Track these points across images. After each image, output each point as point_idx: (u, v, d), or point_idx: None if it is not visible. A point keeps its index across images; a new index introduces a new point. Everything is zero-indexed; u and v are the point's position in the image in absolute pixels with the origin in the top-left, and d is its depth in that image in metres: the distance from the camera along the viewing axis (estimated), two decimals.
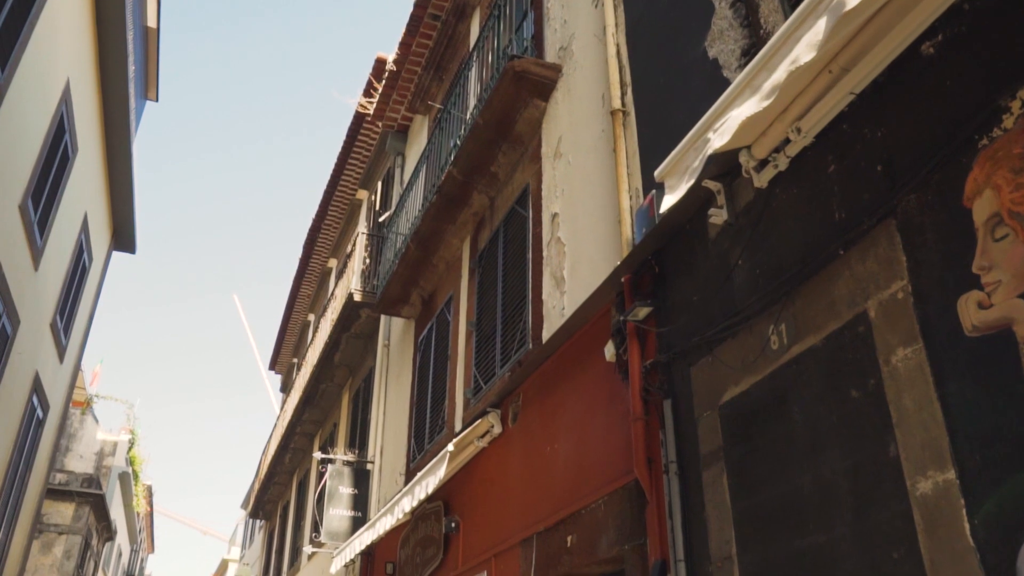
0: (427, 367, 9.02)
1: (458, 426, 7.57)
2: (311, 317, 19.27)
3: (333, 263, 17.33)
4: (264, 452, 19.45)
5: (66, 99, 10.86)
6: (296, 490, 16.97)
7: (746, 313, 3.73)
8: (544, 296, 6.19)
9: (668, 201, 3.43)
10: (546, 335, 6.01)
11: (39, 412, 12.55)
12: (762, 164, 3.73)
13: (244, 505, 28.32)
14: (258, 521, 23.18)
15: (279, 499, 19.17)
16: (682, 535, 3.88)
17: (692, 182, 3.23)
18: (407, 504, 6.80)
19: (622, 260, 4.82)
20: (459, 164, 7.80)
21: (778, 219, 3.67)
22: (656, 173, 3.56)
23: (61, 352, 13.36)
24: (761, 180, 3.73)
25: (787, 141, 3.57)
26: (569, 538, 4.99)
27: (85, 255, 13.81)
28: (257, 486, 19.92)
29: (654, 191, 4.66)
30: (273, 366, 22.39)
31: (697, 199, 4.23)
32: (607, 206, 5.42)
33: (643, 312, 4.51)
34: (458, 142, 7.96)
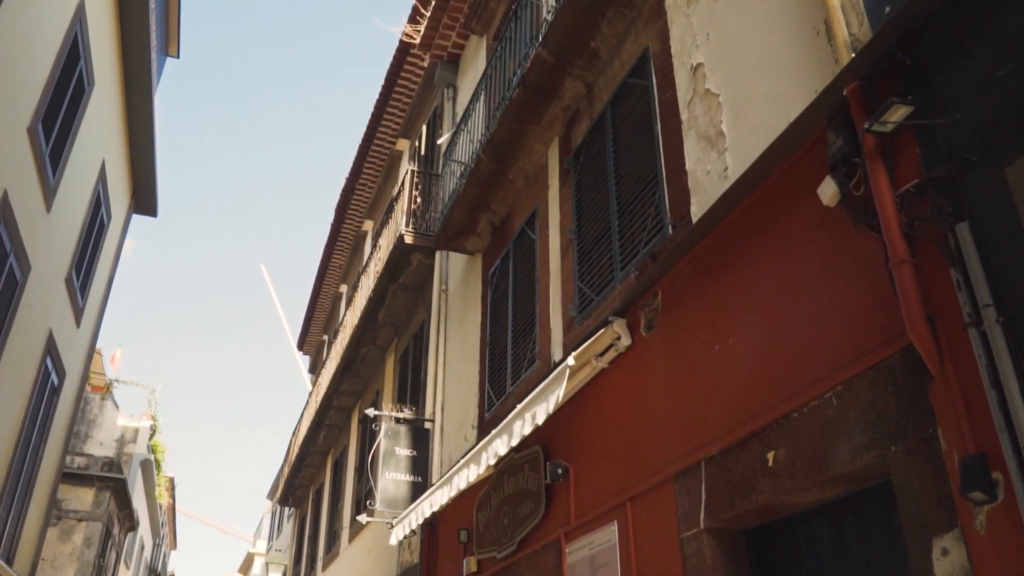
0: (503, 300, 7.67)
1: (557, 355, 6.23)
2: (344, 288, 18.00)
3: (369, 225, 16.05)
4: (294, 434, 18.17)
5: (81, 17, 9.61)
6: (331, 470, 15.67)
7: None
8: (689, 166, 4.83)
9: None
10: (697, 210, 4.65)
11: (54, 377, 11.30)
12: None
13: (271, 495, 27.04)
14: (287, 509, 21.90)
15: (311, 483, 17.87)
16: None
17: None
18: (501, 447, 5.44)
19: (844, 66, 3.46)
20: (550, 43, 6.46)
21: None
22: None
23: (78, 314, 12.12)
24: None
25: None
26: (770, 455, 3.62)
27: (103, 210, 12.57)
28: (287, 471, 18.64)
29: None
30: (302, 346, 21.11)
31: None
32: (794, 20, 4.07)
33: (900, 113, 3.13)
34: (548, 19, 6.61)
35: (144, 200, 15.24)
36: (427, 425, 9.10)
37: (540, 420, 4.97)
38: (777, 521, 3.91)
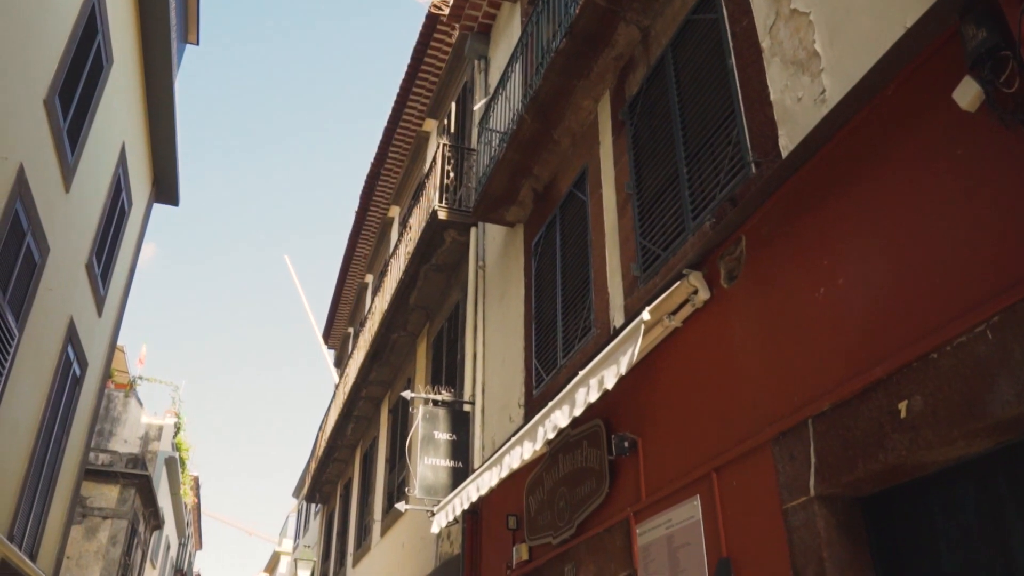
0: (550, 270, 7.18)
1: (618, 320, 5.72)
2: (369, 278, 17.58)
3: (395, 211, 15.61)
4: (321, 428, 17.77)
5: None
6: (361, 464, 15.24)
7: None
8: (775, 96, 4.31)
9: None
10: (787, 143, 4.14)
11: (76, 367, 10.92)
12: None
13: (296, 493, 26.69)
14: (314, 507, 21.52)
15: (339, 478, 17.45)
16: None
17: None
18: (561, 418, 4.94)
19: None
20: None
21: None
22: None
23: (99, 303, 11.74)
24: None
25: None
26: (902, 405, 3.11)
27: (124, 195, 12.19)
28: (313, 466, 18.23)
29: None
30: (327, 338, 20.71)
31: None
32: None
33: None
34: None
35: (165, 188, 14.88)
36: (466, 408, 8.63)
37: (610, 384, 4.48)
38: (899, 487, 3.39)
